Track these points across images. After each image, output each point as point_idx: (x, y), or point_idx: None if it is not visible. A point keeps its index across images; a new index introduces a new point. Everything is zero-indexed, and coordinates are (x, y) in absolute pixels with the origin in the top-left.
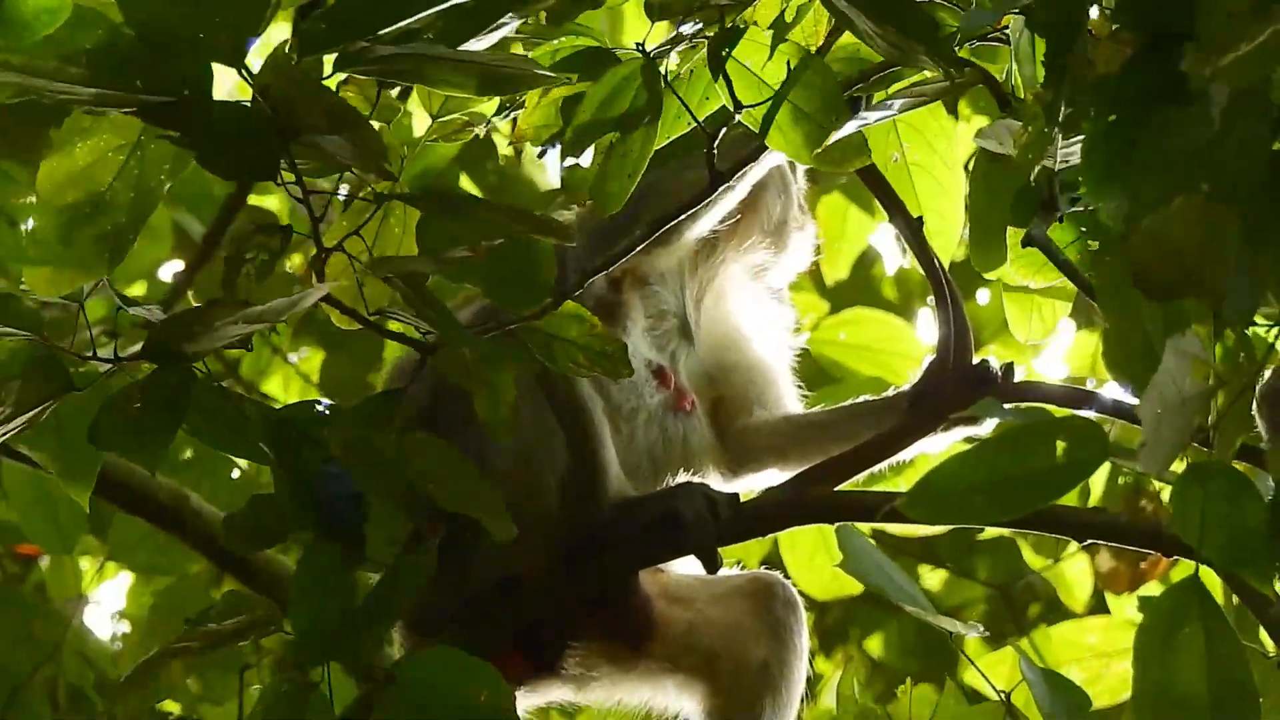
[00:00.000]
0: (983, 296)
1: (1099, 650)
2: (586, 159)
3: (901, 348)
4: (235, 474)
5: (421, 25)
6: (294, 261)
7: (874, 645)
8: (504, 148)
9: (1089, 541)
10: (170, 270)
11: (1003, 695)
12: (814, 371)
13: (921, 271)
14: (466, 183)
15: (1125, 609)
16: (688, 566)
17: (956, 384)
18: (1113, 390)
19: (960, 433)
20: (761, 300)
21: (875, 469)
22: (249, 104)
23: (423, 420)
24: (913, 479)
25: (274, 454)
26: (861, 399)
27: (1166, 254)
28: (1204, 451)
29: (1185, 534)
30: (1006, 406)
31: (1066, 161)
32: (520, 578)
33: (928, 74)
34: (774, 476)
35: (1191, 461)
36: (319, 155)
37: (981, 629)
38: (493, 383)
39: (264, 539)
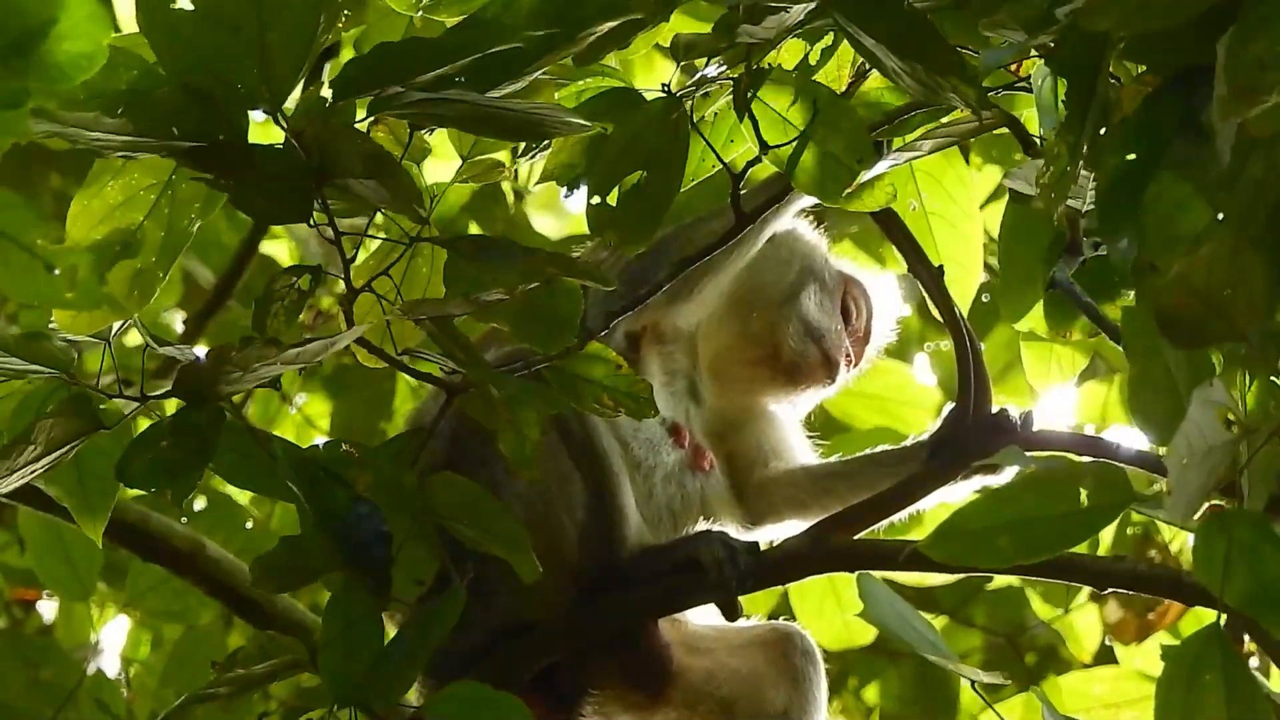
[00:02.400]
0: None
1: (1107, 701)
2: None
3: (910, 395)
4: (249, 524)
5: (454, 71)
6: (322, 302)
7: (871, 694)
8: (508, 193)
9: (1108, 590)
10: (174, 316)
11: None
12: (823, 420)
13: (919, 318)
14: (474, 229)
15: (1134, 660)
16: (706, 617)
17: (976, 432)
18: (1120, 438)
19: (980, 481)
20: None
21: (893, 518)
22: (283, 147)
23: (442, 463)
24: (927, 530)
25: (302, 493)
26: (880, 448)
27: (1194, 299)
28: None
29: (1208, 581)
30: (1027, 454)
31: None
32: (539, 621)
33: (954, 115)
34: (793, 528)
35: (1214, 510)
36: (351, 198)
37: (1002, 677)
38: (518, 421)
39: (294, 580)
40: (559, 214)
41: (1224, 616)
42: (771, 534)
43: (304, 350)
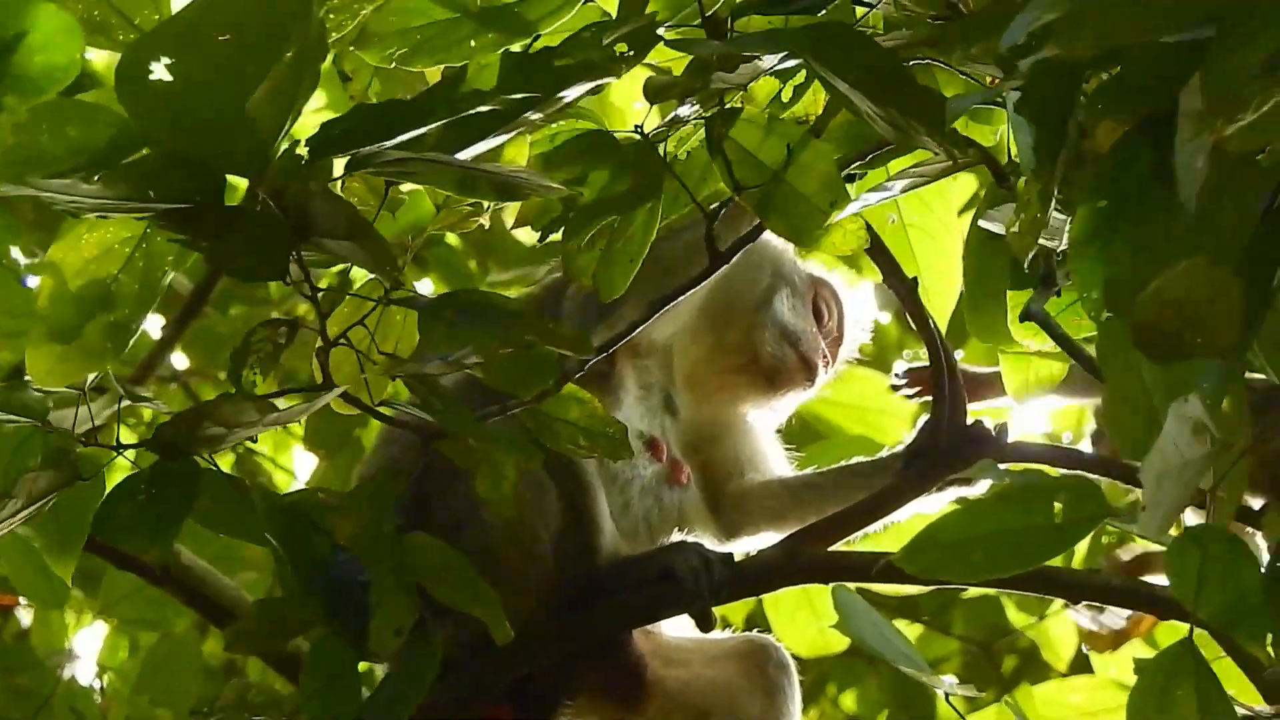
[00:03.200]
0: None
1: (1083, 710)
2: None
3: (888, 405)
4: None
5: (431, 134)
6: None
7: (849, 701)
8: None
9: (1084, 603)
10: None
11: None
12: (800, 428)
13: (898, 326)
14: (452, 238)
15: (1109, 668)
16: (681, 629)
17: (951, 444)
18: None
19: (955, 493)
20: None
21: (867, 530)
22: (260, 209)
23: (411, 496)
24: (901, 541)
25: (279, 542)
26: (855, 460)
27: (1171, 314)
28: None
29: (1182, 596)
30: (1002, 467)
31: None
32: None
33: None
34: (769, 539)
35: (1188, 525)
36: (327, 253)
37: (973, 689)
38: (494, 464)
39: (271, 641)
40: None
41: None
42: (747, 545)
43: (285, 413)
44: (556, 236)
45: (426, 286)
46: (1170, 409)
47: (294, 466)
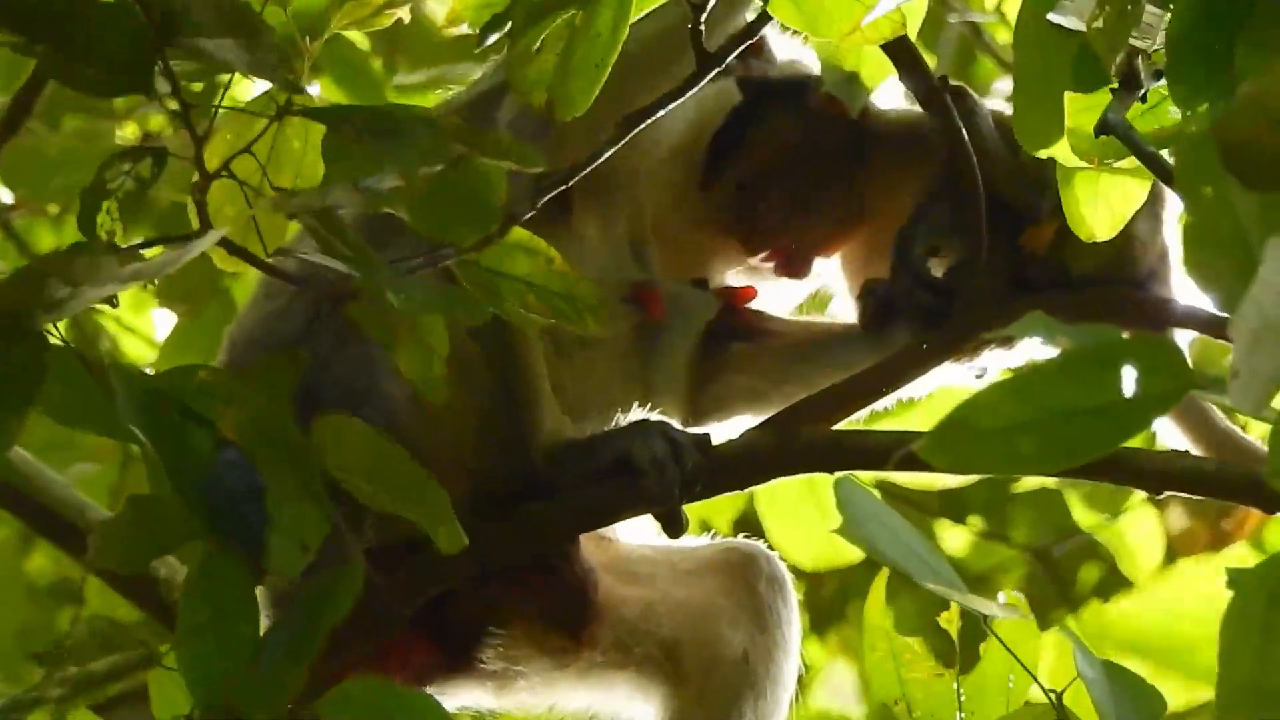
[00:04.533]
0: None
1: (1169, 630)
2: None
3: None
4: None
5: None
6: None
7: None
8: None
9: (1165, 494)
10: None
11: (1052, 696)
12: None
13: None
14: (359, 36)
15: (1203, 579)
16: (643, 533)
17: (986, 291)
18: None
19: (993, 359)
20: None
21: (879, 405)
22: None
23: (298, 340)
24: (928, 419)
25: (150, 437)
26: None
27: (1272, 128)
28: None
29: None
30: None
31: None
32: (424, 542)
33: None
34: (745, 424)
35: None
36: (204, 60)
37: (1022, 609)
38: (421, 333)
39: (146, 553)
40: None
41: None
42: (718, 428)
43: (147, 266)
44: (501, 39)
45: (314, 91)
46: (1269, 248)
47: (149, 328)
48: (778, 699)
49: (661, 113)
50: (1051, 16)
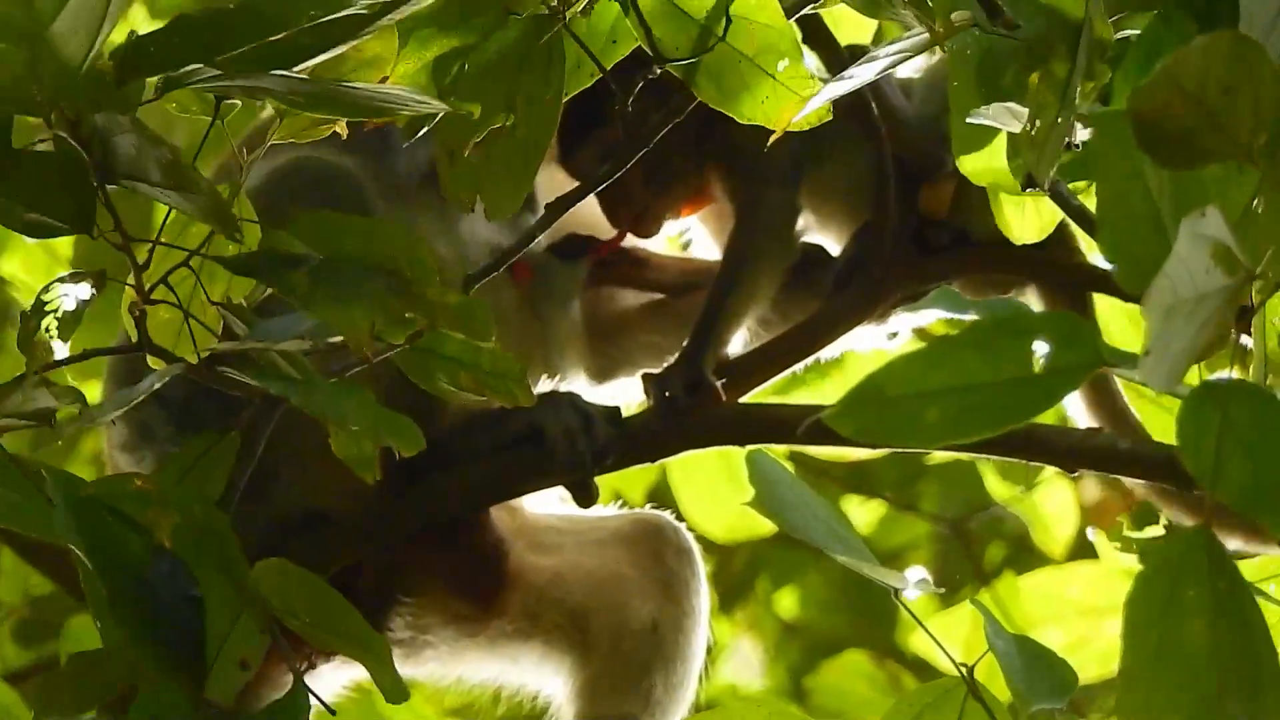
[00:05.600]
0: None
1: (1084, 606)
2: None
3: None
4: None
5: (269, 49)
6: None
7: (788, 601)
8: None
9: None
10: None
11: (963, 670)
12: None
13: None
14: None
15: (1118, 553)
16: (552, 504)
17: (898, 256)
18: None
19: (903, 321)
20: None
21: (790, 370)
22: (54, 148)
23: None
24: (839, 388)
25: (85, 547)
26: None
27: (1184, 103)
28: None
29: (1194, 467)
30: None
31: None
32: (330, 511)
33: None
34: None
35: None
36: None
37: (932, 583)
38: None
39: (93, 701)
40: None
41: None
42: (622, 394)
43: (99, 408)
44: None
45: None
46: (1182, 225)
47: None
48: (687, 669)
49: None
50: (970, 120)
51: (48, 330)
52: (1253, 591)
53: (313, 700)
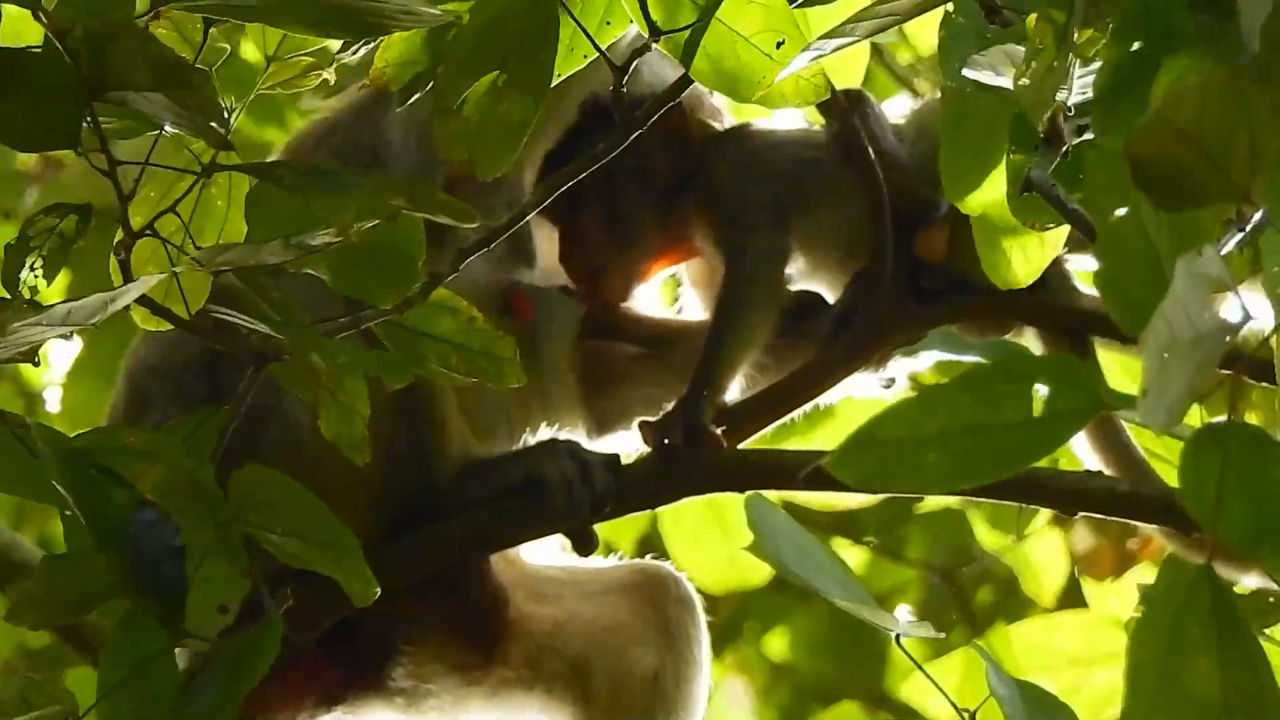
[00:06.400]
0: None
1: (1074, 656)
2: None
3: None
4: None
5: None
6: None
7: (776, 644)
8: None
9: (1079, 515)
10: None
11: (966, 715)
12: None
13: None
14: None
15: (1108, 601)
16: (551, 554)
17: (895, 301)
18: None
19: (900, 368)
20: None
21: (786, 418)
22: (43, 51)
23: (199, 390)
24: (836, 438)
25: (72, 496)
26: None
27: (1180, 144)
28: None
29: (1196, 509)
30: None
31: (1084, 93)
32: None
33: None
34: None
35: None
36: (133, 115)
37: (931, 628)
38: (345, 395)
39: (62, 612)
40: None
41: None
42: (621, 445)
43: (70, 314)
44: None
45: None
46: (1179, 265)
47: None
48: (690, 715)
49: (583, 175)
50: (966, 72)
51: (33, 269)
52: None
53: None
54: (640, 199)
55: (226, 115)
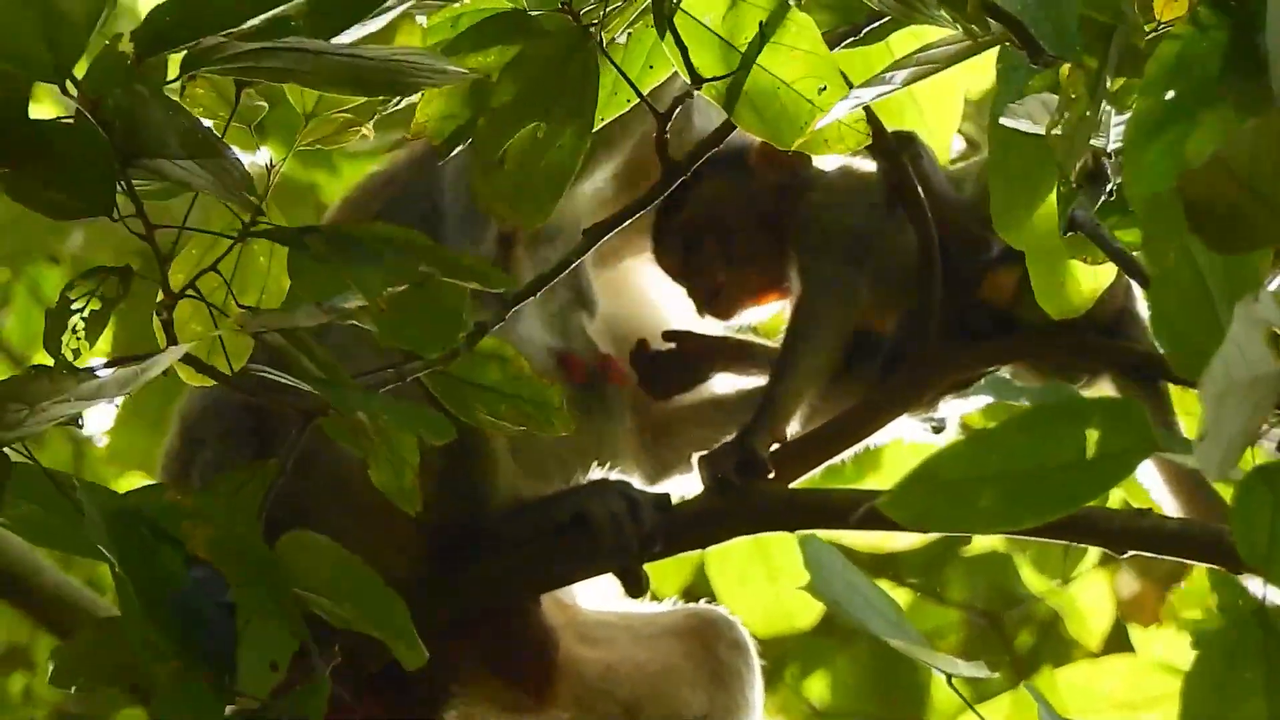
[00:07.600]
0: None
1: (1120, 700)
2: None
3: None
4: None
5: (292, 13)
6: None
7: (817, 688)
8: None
9: (1125, 554)
10: None
11: None
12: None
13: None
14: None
15: (1154, 646)
16: (604, 600)
17: (944, 342)
18: None
19: (950, 409)
20: None
21: (835, 459)
22: (74, 123)
23: (249, 428)
24: (887, 480)
25: (118, 557)
26: None
27: (1235, 187)
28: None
29: (1248, 553)
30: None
31: (1119, 142)
32: None
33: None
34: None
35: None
36: (165, 180)
37: (984, 667)
38: (394, 448)
39: (109, 676)
40: None
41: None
42: (674, 485)
43: (108, 383)
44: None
45: None
46: (1236, 309)
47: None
48: None
49: (627, 223)
50: (1004, 121)
51: (74, 331)
52: None
53: None
54: (748, 222)
55: (270, 167)
